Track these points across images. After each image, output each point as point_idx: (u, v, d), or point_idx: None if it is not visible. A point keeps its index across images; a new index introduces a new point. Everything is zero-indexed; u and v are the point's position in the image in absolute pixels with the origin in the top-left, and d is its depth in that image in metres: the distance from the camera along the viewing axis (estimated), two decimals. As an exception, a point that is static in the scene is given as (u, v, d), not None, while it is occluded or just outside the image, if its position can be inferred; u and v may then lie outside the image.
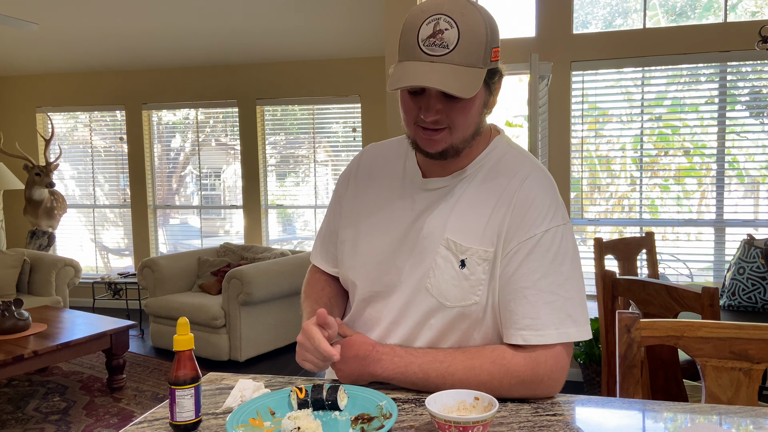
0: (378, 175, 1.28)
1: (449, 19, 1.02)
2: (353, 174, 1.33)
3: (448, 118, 1.08)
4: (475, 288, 1.12)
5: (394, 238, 1.20)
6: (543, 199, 1.12)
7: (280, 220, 6.11)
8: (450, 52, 1.02)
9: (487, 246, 1.12)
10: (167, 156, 6.35)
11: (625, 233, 4.34)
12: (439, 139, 1.09)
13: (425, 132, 1.10)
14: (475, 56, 1.03)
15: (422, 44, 1.03)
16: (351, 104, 5.60)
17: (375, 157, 1.32)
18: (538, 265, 1.09)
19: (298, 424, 0.92)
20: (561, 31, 4.04)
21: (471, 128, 1.11)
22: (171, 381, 0.99)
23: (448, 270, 1.13)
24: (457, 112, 1.07)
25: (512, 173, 1.15)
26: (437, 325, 1.15)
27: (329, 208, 1.38)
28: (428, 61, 1.02)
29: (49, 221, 5.79)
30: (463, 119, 1.08)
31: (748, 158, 4.07)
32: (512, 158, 1.18)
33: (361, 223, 1.26)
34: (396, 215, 1.21)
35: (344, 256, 1.29)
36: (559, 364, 1.08)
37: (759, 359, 1.26)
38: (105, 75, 6.19)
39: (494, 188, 1.15)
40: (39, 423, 3.35)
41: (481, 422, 0.91)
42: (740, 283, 2.49)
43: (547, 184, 1.15)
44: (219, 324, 4.31)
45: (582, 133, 4.23)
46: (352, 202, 1.30)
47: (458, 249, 1.13)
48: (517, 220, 1.11)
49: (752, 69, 3.98)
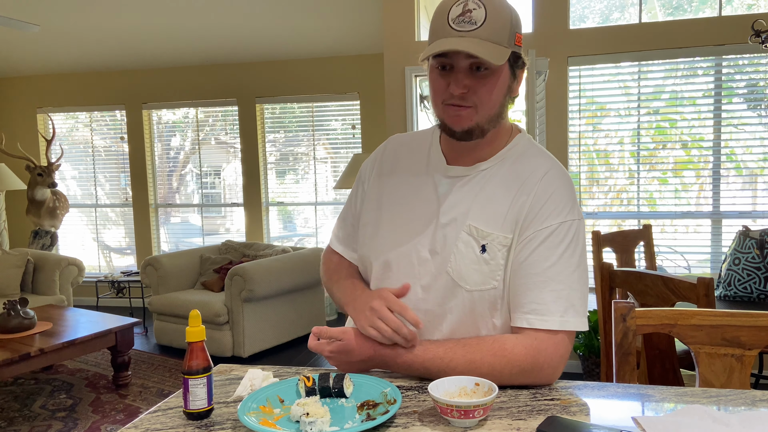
0: (402, 162, 1.33)
1: (477, 0, 1.11)
2: (378, 159, 1.37)
3: (475, 94, 1.13)
4: (494, 273, 1.17)
5: (416, 223, 1.24)
6: (561, 194, 1.18)
7: (281, 217, 6.15)
8: (478, 28, 1.10)
9: (507, 233, 1.17)
10: (167, 155, 6.39)
11: (623, 226, 4.38)
12: (465, 115, 1.15)
13: (452, 108, 1.15)
14: (501, 34, 1.11)
15: (452, 23, 1.11)
16: (350, 101, 5.64)
17: (400, 144, 1.37)
18: (550, 254, 1.14)
19: (307, 410, 0.96)
20: (557, 26, 4.07)
21: (495, 108, 1.16)
22: (184, 371, 1.03)
23: (469, 255, 1.17)
24: (482, 87, 1.13)
25: (534, 167, 1.20)
26: (457, 309, 1.19)
27: (351, 194, 1.42)
28: (458, 35, 1.10)
29: (51, 221, 5.82)
30: (488, 96, 1.14)
31: (746, 150, 4.10)
32: (534, 154, 1.24)
33: (383, 206, 1.30)
34: (419, 200, 1.25)
35: (365, 238, 1.32)
36: (558, 353, 1.13)
37: (751, 345, 1.30)
38: (105, 75, 6.22)
39: (516, 179, 1.20)
40: (46, 420, 3.40)
41: (482, 406, 0.95)
42: (736, 273, 2.53)
43: (566, 180, 1.21)
44: (222, 321, 4.35)
45: (580, 127, 4.27)
46: (376, 187, 1.34)
47: (480, 234, 1.17)
48: (535, 209, 1.16)
49: (749, 62, 4.01)
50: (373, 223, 1.31)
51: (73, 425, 3.32)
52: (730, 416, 0.94)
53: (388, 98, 4.26)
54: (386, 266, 1.26)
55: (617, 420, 1.01)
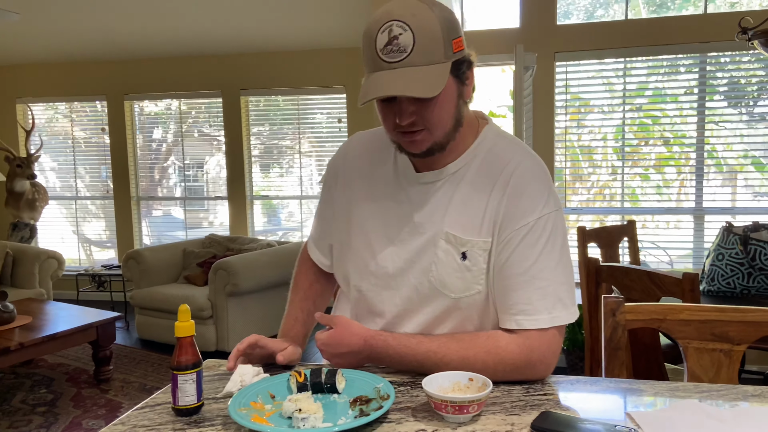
0: (368, 169, 1.29)
1: (401, 23, 1.04)
2: (340, 168, 1.34)
3: (423, 119, 1.09)
4: (477, 278, 1.16)
5: (391, 233, 1.22)
6: (535, 187, 1.15)
7: (265, 211, 6.11)
8: (408, 56, 1.04)
9: (486, 237, 1.15)
10: (149, 147, 6.30)
11: (606, 222, 4.42)
12: (420, 139, 1.12)
13: (405, 136, 1.12)
14: (434, 53, 1.05)
15: (381, 53, 1.05)
16: (336, 95, 5.60)
17: (363, 149, 1.33)
18: (530, 252, 1.13)
19: (299, 406, 0.95)
20: (545, 22, 4.08)
21: (449, 123, 1.13)
22: (173, 366, 1.01)
23: (450, 263, 1.16)
24: (429, 111, 1.09)
25: (504, 162, 1.17)
26: (444, 317, 1.19)
27: (321, 198, 1.39)
28: (389, 68, 1.05)
29: (30, 213, 5.73)
30: (438, 117, 1.10)
31: (726, 147, 4.15)
32: (503, 147, 1.21)
33: (354, 215, 1.27)
34: (392, 209, 1.23)
35: (340, 253, 1.31)
36: (551, 349, 1.12)
37: (739, 341, 1.31)
38: (86, 65, 6.11)
39: (488, 179, 1.17)
40: (26, 415, 3.34)
41: (476, 401, 0.94)
42: (719, 269, 2.56)
43: (539, 170, 1.18)
44: (206, 315, 4.31)
45: (565, 123, 4.29)
46: (344, 196, 1.31)
47: (458, 242, 1.16)
48: (511, 209, 1.14)
49: (731, 59, 4.06)
50: (346, 238, 1.29)
51: (53, 420, 3.27)
52: (723, 411, 0.95)
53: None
54: (366, 282, 1.25)
55: (610, 415, 1.01)
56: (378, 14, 1.07)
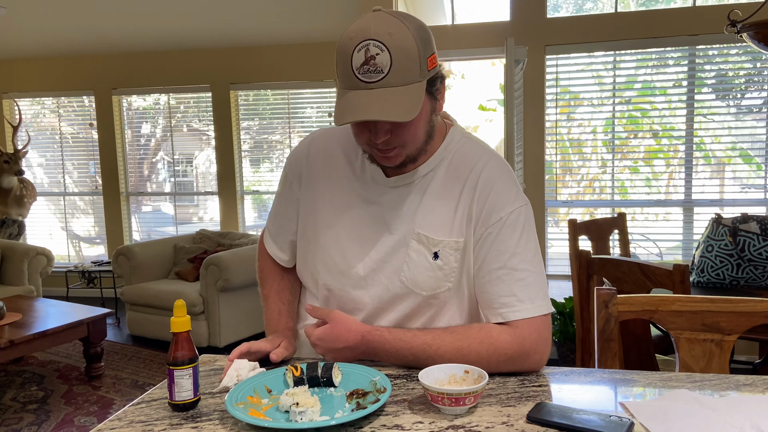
0: (334, 164, 1.28)
1: (378, 43, 1.02)
2: (304, 167, 1.31)
3: (397, 138, 1.10)
4: (448, 276, 1.19)
5: (362, 233, 1.22)
6: (503, 184, 1.18)
7: (256, 206, 6.09)
8: (386, 76, 1.03)
9: (457, 237, 1.18)
10: (138, 142, 6.26)
11: (596, 214, 4.44)
12: (393, 155, 1.13)
13: (380, 152, 1.13)
14: (411, 73, 1.05)
15: (357, 72, 1.04)
16: (326, 89, 5.59)
17: (327, 143, 1.31)
18: (507, 246, 1.15)
19: (296, 399, 0.95)
20: (535, 15, 4.09)
21: (422, 138, 1.14)
22: (169, 362, 1.01)
23: (422, 262, 1.18)
24: (404, 131, 1.10)
25: (472, 163, 1.20)
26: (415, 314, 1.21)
27: (279, 193, 1.36)
28: (366, 88, 1.04)
29: (18, 209, 5.67)
30: (412, 136, 1.11)
31: (714, 140, 4.18)
32: (470, 149, 1.23)
33: (321, 212, 1.26)
34: (362, 210, 1.23)
35: (306, 252, 1.30)
36: (542, 336, 1.14)
37: (730, 331, 1.33)
38: (73, 59, 6.05)
39: (457, 180, 1.19)
40: (17, 412, 3.32)
41: (472, 394, 0.95)
42: (709, 260, 2.58)
43: (505, 169, 1.21)
44: (197, 311, 4.30)
45: (555, 116, 4.30)
46: (309, 193, 1.29)
47: (430, 242, 1.18)
48: (482, 206, 1.17)
49: (719, 52, 4.09)
50: (312, 239, 1.28)
51: (45, 417, 3.25)
52: (716, 401, 0.96)
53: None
54: (335, 281, 1.25)
55: (605, 405, 1.02)
56: (353, 30, 1.04)
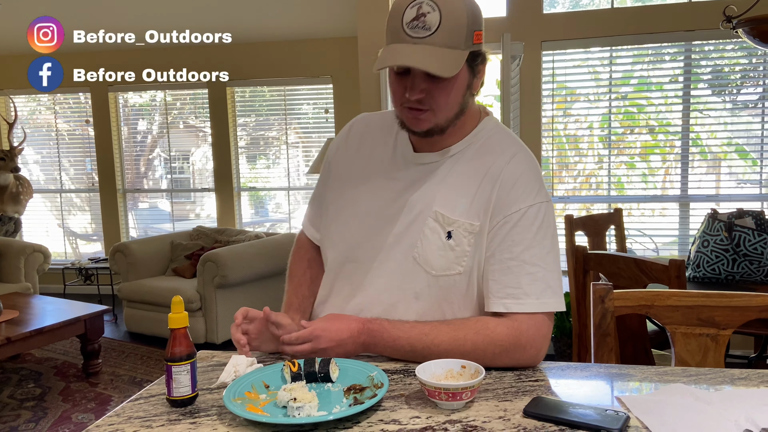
0: (369, 144, 1.33)
1: (431, 3, 1.07)
2: (343, 140, 1.38)
3: (431, 99, 1.12)
4: (460, 259, 1.18)
5: (382, 208, 1.24)
6: (528, 177, 1.18)
7: (252, 202, 6.08)
8: (432, 34, 1.07)
9: (473, 219, 1.18)
10: (134, 139, 6.24)
11: (592, 210, 4.45)
12: (423, 118, 1.15)
13: (411, 112, 1.15)
14: (456, 38, 1.09)
15: (406, 27, 1.08)
16: (322, 85, 5.58)
17: (368, 124, 1.37)
18: (522, 237, 1.15)
19: (294, 395, 0.95)
20: (531, 10, 4.08)
21: (453, 109, 1.16)
22: (167, 358, 1.01)
23: (435, 240, 1.18)
24: (439, 92, 1.12)
25: (499, 152, 1.21)
26: (423, 294, 1.20)
27: (319, 177, 1.43)
28: (411, 42, 1.08)
29: (15, 207, 5.66)
30: (445, 99, 1.13)
31: (711, 135, 4.19)
32: (500, 138, 1.24)
33: (347, 188, 1.30)
34: (385, 186, 1.26)
35: (327, 219, 1.34)
36: (540, 333, 1.14)
37: (725, 325, 1.33)
38: (68, 56, 6.02)
39: (482, 165, 1.20)
40: (15, 410, 3.32)
41: (469, 388, 0.96)
42: (704, 255, 2.59)
43: (532, 164, 1.22)
44: (195, 307, 4.30)
45: (551, 112, 4.31)
46: (342, 166, 1.34)
47: (445, 221, 1.18)
48: (503, 194, 1.16)
49: (715, 48, 4.09)
50: (335, 205, 1.32)
51: (42, 414, 3.25)
52: (711, 395, 0.97)
53: (362, 82, 4.23)
54: (351, 250, 1.27)
55: (601, 399, 1.03)
56: None
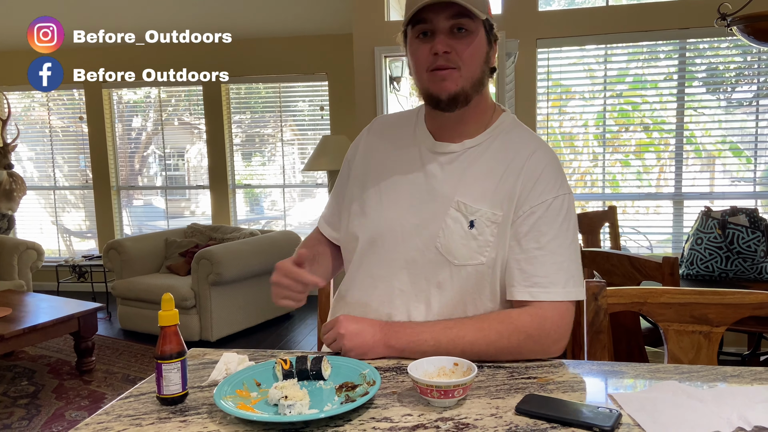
0: (388, 139, 1.34)
1: None
2: (363, 138, 1.39)
3: (457, 55, 1.15)
4: (482, 248, 1.19)
5: (404, 198, 1.25)
6: (551, 170, 1.21)
7: (248, 200, 6.07)
8: None
9: (496, 209, 1.19)
10: (129, 136, 6.22)
11: (587, 208, 4.46)
12: (450, 78, 1.16)
13: (437, 74, 1.16)
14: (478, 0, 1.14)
15: None
16: (318, 82, 5.57)
17: (385, 123, 1.40)
18: (548, 228, 1.17)
19: (285, 393, 0.95)
20: (526, 8, 4.08)
21: (477, 70, 1.19)
22: (157, 356, 1.01)
23: (457, 230, 1.19)
24: (465, 48, 1.15)
25: (521, 146, 1.23)
26: (446, 284, 1.20)
27: (340, 174, 1.44)
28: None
29: (8, 204, 5.63)
30: (471, 56, 1.16)
31: (705, 133, 4.20)
32: (521, 133, 1.27)
33: (369, 183, 1.31)
34: (406, 177, 1.26)
35: (352, 216, 1.33)
36: (564, 321, 1.16)
37: (718, 323, 1.33)
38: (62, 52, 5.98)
39: (504, 158, 1.22)
40: (8, 407, 3.31)
41: (461, 386, 0.95)
42: (698, 253, 2.59)
43: (554, 158, 1.24)
44: (189, 305, 4.29)
45: (546, 110, 4.30)
46: (362, 165, 1.35)
47: (468, 210, 1.19)
48: (528, 186, 1.18)
49: (709, 46, 4.09)
50: (359, 201, 1.32)
51: (36, 412, 3.24)
52: (704, 392, 0.97)
53: (358, 79, 4.22)
54: (372, 242, 1.27)
55: (594, 397, 1.03)
56: None
